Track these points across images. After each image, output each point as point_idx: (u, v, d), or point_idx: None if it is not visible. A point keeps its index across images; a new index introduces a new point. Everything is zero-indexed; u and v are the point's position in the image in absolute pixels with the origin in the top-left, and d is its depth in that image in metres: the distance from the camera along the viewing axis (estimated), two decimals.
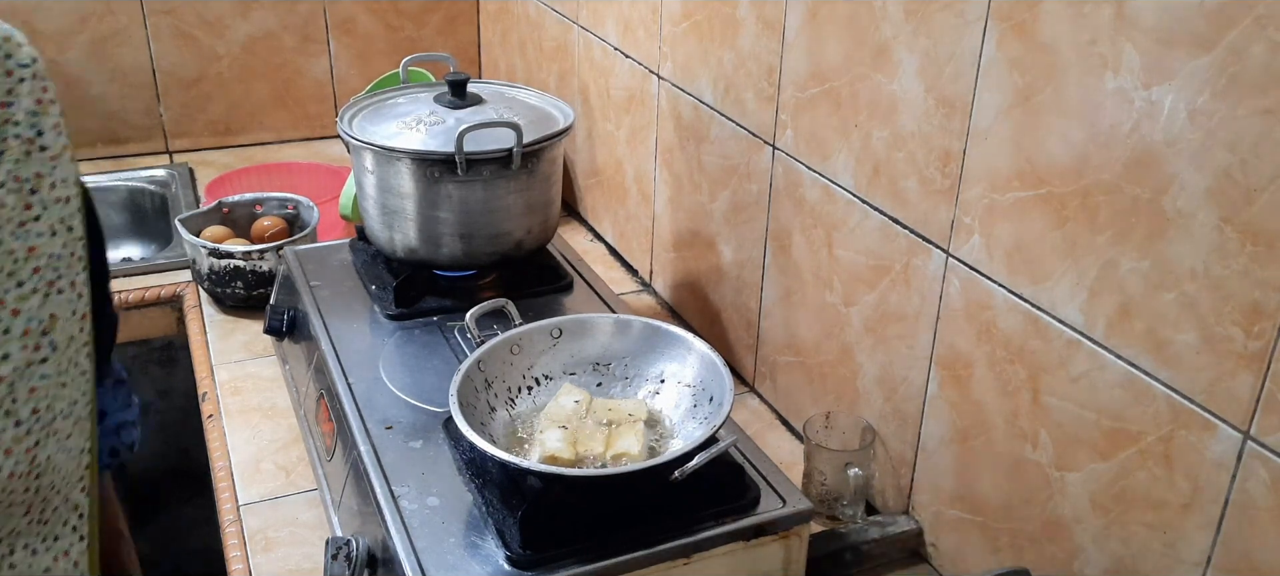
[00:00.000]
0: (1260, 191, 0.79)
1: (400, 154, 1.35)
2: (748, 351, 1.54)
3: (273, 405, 1.49)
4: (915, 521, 1.24)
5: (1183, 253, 0.86)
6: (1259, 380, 0.82)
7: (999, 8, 1.00)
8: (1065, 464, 1.01)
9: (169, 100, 2.29)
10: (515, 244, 1.43)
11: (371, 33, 2.39)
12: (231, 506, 1.29)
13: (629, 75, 1.75)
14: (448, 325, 1.36)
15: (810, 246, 1.35)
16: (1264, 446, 0.83)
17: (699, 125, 1.56)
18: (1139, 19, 0.86)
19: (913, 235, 1.17)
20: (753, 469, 1.11)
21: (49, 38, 2.15)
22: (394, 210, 1.39)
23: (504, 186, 1.37)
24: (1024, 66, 0.98)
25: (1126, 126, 0.89)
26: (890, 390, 1.25)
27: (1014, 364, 1.06)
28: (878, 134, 1.19)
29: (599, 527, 1.01)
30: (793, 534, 1.06)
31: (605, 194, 1.95)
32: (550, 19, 2.04)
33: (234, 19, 2.27)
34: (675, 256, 1.71)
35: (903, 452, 1.25)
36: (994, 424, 1.10)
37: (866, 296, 1.26)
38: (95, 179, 2.19)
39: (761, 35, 1.36)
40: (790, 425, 1.47)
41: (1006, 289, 1.05)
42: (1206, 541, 0.89)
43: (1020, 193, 1.01)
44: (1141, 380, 0.92)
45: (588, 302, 1.45)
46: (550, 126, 1.41)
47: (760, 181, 1.43)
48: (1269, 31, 0.77)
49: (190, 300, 1.75)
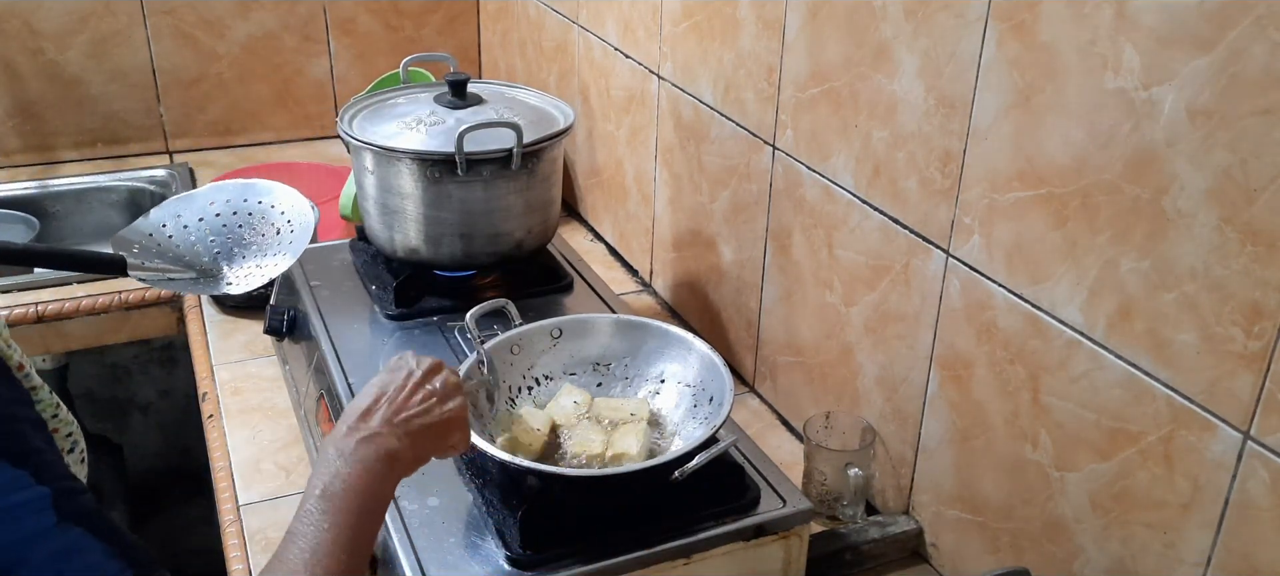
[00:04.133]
0: (1260, 191, 0.79)
1: (400, 154, 1.35)
2: (748, 351, 1.54)
3: (273, 405, 1.49)
4: (915, 521, 1.24)
5: (1183, 252, 0.86)
6: (1259, 380, 0.82)
7: (999, 8, 1.00)
8: (1065, 464, 1.01)
9: (169, 100, 2.29)
10: (515, 244, 1.43)
11: (371, 33, 2.39)
12: (231, 506, 1.29)
13: (629, 75, 1.75)
14: (448, 325, 1.36)
15: (810, 246, 1.35)
16: (1264, 446, 0.83)
17: (699, 125, 1.56)
18: (1139, 19, 0.86)
19: (913, 235, 1.17)
20: (753, 469, 1.11)
21: (49, 38, 2.15)
22: (394, 210, 1.39)
23: (504, 186, 1.37)
24: (1024, 66, 0.98)
25: (1126, 126, 0.89)
26: (890, 390, 1.25)
27: (1014, 364, 1.06)
28: (878, 134, 1.19)
29: (599, 527, 1.01)
30: (793, 534, 1.07)
31: (605, 194, 1.95)
32: (550, 19, 2.04)
33: (234, 19, 2.27)
34: (675, 256, 1.71)
35: (903, 452, 1.25)
36: (994, 424, 1.10)
37: (867, 296, 1.26)
38: (95, 179, 2.19)
39: (761, 35, 1.36)
40: (790, 425, 1.47)
41: (1006, 289, 1.05)
42: (1206, 541, 0.89)
43: (1020, 193, 1.01)
44: (1141, 380, 0.92)
45: (588, 303, 1.45)
46: (550, 126, 1.41)
47: (760, 181, 1.43)
48: (1269, 31, 0.77)
49: (190, 300, 1.75)
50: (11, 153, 2.21)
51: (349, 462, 0.83)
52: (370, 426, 0.86)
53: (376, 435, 0.85)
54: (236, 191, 1.23)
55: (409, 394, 0.89)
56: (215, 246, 1.19)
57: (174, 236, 1.18)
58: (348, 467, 0.82)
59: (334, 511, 0.79)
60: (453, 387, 0.92)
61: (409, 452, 0.86)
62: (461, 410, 0.92)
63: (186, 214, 1.20)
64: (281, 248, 1.18)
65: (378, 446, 0.84)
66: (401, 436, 0.86)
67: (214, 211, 1.20)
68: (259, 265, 1.17)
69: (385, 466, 0.84)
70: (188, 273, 1.15)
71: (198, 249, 1.17)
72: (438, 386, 0.91)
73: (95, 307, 1.74)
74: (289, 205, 1.22)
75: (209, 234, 1.19)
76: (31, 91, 2.18)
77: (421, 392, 0.90)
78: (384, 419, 0.87)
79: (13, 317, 1.69)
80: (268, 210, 1.22)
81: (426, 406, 0.89)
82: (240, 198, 1.23)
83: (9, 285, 1.77)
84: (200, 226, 1.19)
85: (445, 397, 0.91)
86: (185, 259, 1.16)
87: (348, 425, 0.86)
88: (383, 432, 0.85)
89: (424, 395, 0.90)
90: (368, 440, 0.84)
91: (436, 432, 0.89)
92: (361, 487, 0.81)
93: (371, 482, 0.82)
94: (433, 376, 0.92)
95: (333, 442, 0.85)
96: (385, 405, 0.88)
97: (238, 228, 1.20)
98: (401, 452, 0.86)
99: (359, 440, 0.84)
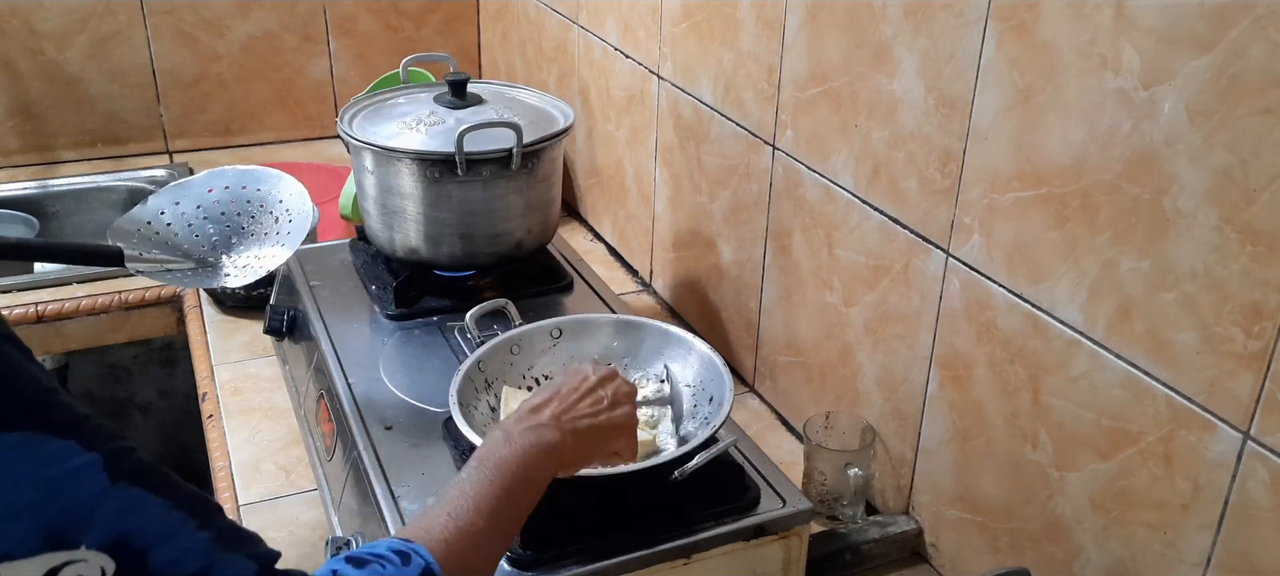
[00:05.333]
0: (1260, 191, 0.79)
1: (400, 154, 1.35)
2: (748, 351, 1.54)
3: (273, 405, 1.49)
4: (915, 521, 1.24)
5: (1183, 252, 0.86)
6: (1259, 380, 0.82)
7: (999, 8, 1.00)
8: (1065, 464, 1.01)
9: (169, 100, 2.29)
10: (515, 244, 1.43)
11: (371, 33, 2.39)
12: (231, 506, 1.29)
13: (629, 75, 1.75)
14: (448, 325, 1.36)
15: (810, 246, 1.35)
16: (1264, 446, 0.83)
17: (699, 125, 1.56)
18: (1139, 19, 0.86)
19: (913, 235, 1.17)
20: (753, 469, 1.10)
21: (49, 38, 2.15)
22: (394, 210, 1.39)
23: (504, 186, 1.37)
24: (1024, 66, 0.98)
25: (1126, 126, 0.89)
26: (890, 390, 1.25)
27: (1014, 364, 1.06)
28: (878, 134, 1.19)
29: (599, 527, 1.01)
30: (793, 534, 1.06)
31: (605, 194, 1.95)
32: (550, 19, 2.04)
33: (234, 19, 2.27)
34: (675, 256, 1.71)
35: (903, 452, 1.25)
36: (994, 424, 1.10)
37: (866, 296, 1.26)
38: (95, 179, 2.19)
39: (761, 35, 1.36)
40: (790, 425, 1.47)
41: (1006, 289, 1.05)
42: (1206, 541, 0.89)
43: (1020, 193, 1.01)
44: (1141, 380, 0.92)
45: (588, 303, 1.45)
46: (550, 126, 1.41)
47: (760, 181, 1.43)
48: (1269, 31, 0.77)
49: (190, 300, 1.75)
50: (11, 153, 2.21)
51: (510, 444, 0.88)
52: (539, 419, 0.91)
53: (542, 426, 0.90)
54: (235, 178, 1.22)
55: (581, 396, 0.94)
56: (213, 236, 1.18)
57: (172, 223, 1.17)
58: (508, 447, 0.87)
59: (482, 477, 0.84)
60: (624, 396, 0.97)
61: (571, 449, 0.91)
62: (628, 419, 0.97)
63: (184, 200, 1.19)
64: (280, 238, 1.17)
65: (541, 436, 0.89)
66: (566, 432, 0.91)
67: (212, 198, 1.20)
68: (258, 255, 1.16)
69: (544, 455, 0.88)
70: (186, 263, 1.15)
71: (196, 238, 1.17)
72: (608, 393, 0.96)
73: (95, 307, 1.74)
74: (288, 194, 1.21)
75: (207, 222, 1.18)
76: (31, 91, 2.18)
77: (592, 397, 0.95)
78: (552, 414, 0.92)
79: (13, 318, 1.69)
80: (266, 197, 1.21)
81: (595, 410, 0.94)
82: (238, 184, 1.22)
83: (9, 285, 1.77)
84: (198, 214, 1.19)
85: (615, 404, 0.95)
86: (183, 248, 1.16)
87: (518, 416, 0.92)
88: (548, 425, 0.90)
89: (594, 399, 0.95)
90: (533, 430, 0.89)
91: (601, 435, 0.94)
92: (515, 466, 0.86)
93: (526, 466, 0.87)
94: (606, 383, 0.97)
95: (502, 426, 0.91)
96: (556, 403, 0.93)
97: (236, 216, 1.20)
98: (563, 446, 0.90)
99: (525, 428, 0.89)
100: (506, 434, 0.89)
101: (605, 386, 0.96)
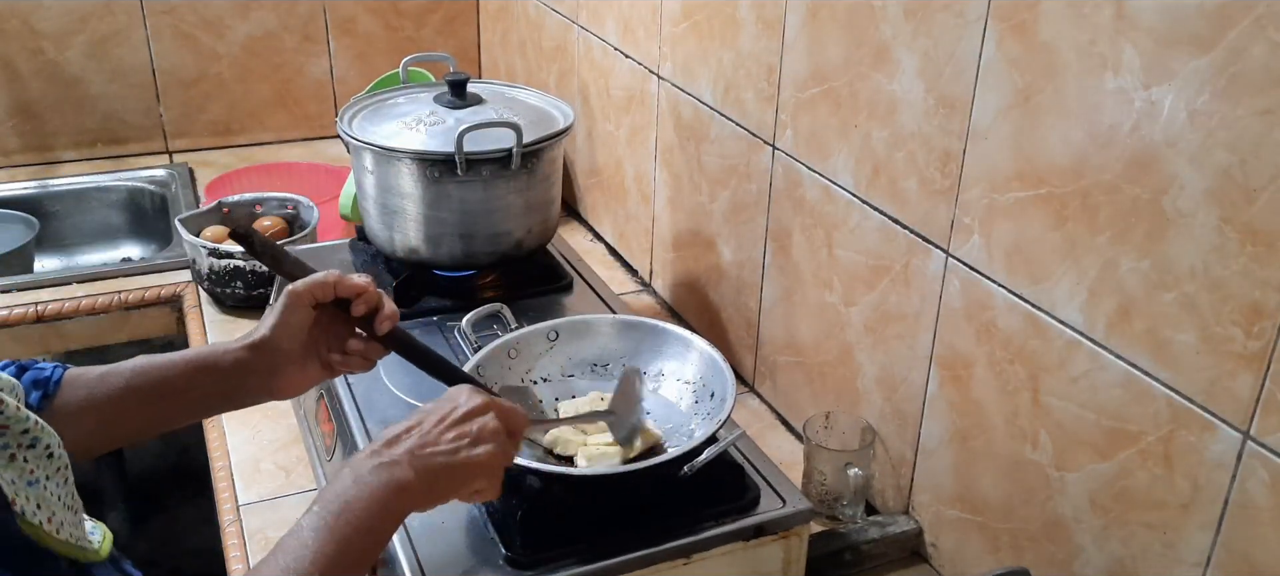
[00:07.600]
0: (1260, 191, 0.79)
1: (400, 154, 1.35)
2: (748, 351, 1.54)
3: (272, 405, 1.48)
4: (915, 521, 1.24)
5: (1183, 252, 0.86)
6: (1259, 380, 0.82)
7: (999, 8, 1.00)
8: (1065, 464, 1.01)
9: (169, 100, 2.29)
10: (515, 244, 1.43)
11: (371, 33, 2.39)
12: (231, 506, 1.29)
13: (629, 75, 1.75)
14: (448, 325, 1.36)
15: (810, 246, 1.35)
16: (1264, 446, 0.83)
17: (699, 125, 1.56)
18: (1139, 19, 0.86)
19: (913, 235, 1.17)
20: (753, 469, 1.10)
21: (49, 38, 2.15)
22: (394, 210, 1.39)
23: (504, 186, 1.37)
24: (1024, 66, 0.98)
25: (1126, 126, 0.89)
26: (890, 390, 1.25)
27: (1014, 364, 1.06)
28: (878, 134, 1.19)
29: (599, 527, 1.01)
30: (793, 534, 1.06)
31: (605, 194, 1.95)
32: (550, 19, 2.04)
33: (234, 19, 2.27)
34: (675, 256, 1.71)
35: (903, 452, 1.25)
36: (994, 424, 1.10)
37: (866, 296, 1.26)
38: (95, 179, 2.19)
39: (761, 35, 1.36)
40: (790, 425, 1.47)
41: (1006, 289, 1.05)
42: (1206, 541, 0.89)
43: (1020, 193, 1.01)
44: (1141, 380, 0.92)
45: (587, 303, 1.45)
46: (550, 126, 1.41)
47: (760, 181, 1.43)
48: (1269, 31, 0.77)
49: (190, 300, 1.75)
50: (11, 153, 2.21)
51: (358, 485, 0.82)
52: (392, 454, 0.85)
53: (394, 464, 0.84)
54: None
55: (444, 429, 0.87)
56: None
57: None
58: (355, 490, 0.82)
59: (325, 530, 0.79)
60: (490, 433, 0.88)
61: (422, 491, 0.85)
62: (491, 458, 0.88)
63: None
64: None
65: (391, 475, 0.83)
66: (419, 470, 0.85)
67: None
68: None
69: (392, 496, 0.83)
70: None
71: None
72: (473, 429, 0.88)
73: (95, 308, 1.74)
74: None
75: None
76: (31, 91, 2.18)
77: (456, 431, 0.87)
78: (407, 449, 0.85)
79: (13, 318, 1.70)
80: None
81: (454, 448, 0.86)
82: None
83: (9, 285, 1.77)
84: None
85: (478, 441, 0.87)
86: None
87: (373, 447, 0.86)
88: (401, 462, 0.84)
89: (459, 434, 0.87)
90: (384, 466, 0.84)
91: (456, 476, 0.87)
92: (361, 513, 0.81)
93: (374, 510, 0.81)
94: (474, 417, 0.89)
95: (352, 463, 0.85)
96: (415, 435, 0.87)
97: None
98: (413, 486, 0.84)
99: (375, 465, 0.84)
100: (356, 473, 0.83)
101: (472, 420, 0.88)
